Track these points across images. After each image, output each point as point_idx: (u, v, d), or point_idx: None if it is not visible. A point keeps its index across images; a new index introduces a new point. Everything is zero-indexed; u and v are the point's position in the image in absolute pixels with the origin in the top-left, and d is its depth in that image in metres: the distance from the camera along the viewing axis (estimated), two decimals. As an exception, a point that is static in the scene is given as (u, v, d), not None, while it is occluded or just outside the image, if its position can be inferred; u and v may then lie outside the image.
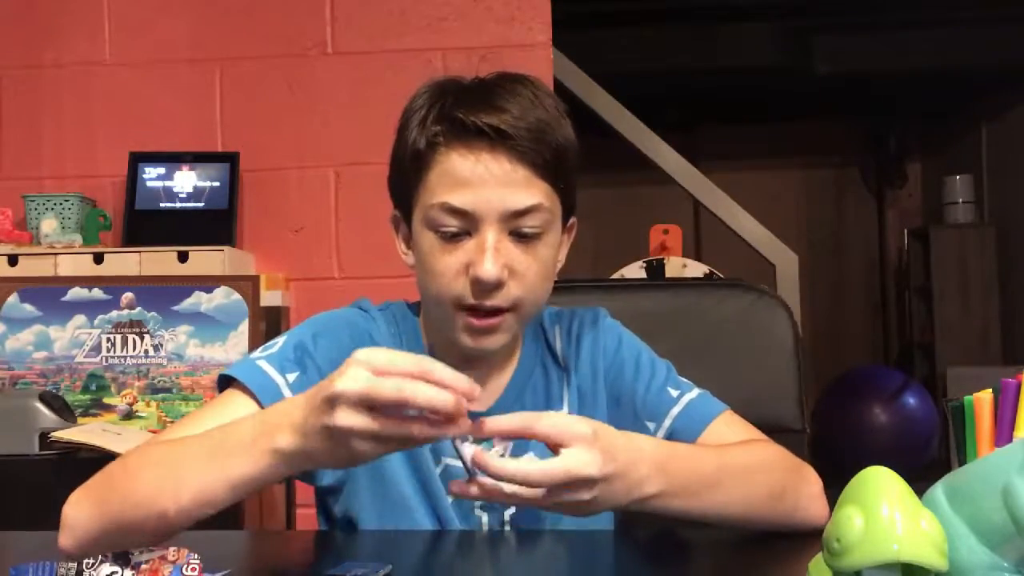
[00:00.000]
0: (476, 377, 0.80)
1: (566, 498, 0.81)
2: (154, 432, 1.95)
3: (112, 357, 2.01)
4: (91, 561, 0.70)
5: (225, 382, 0.99)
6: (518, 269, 0.97)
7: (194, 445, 0.86)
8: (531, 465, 0.80)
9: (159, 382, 2.00)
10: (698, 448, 1.00)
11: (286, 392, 0.95)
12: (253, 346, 2.01)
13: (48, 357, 2.01)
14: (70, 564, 0.70)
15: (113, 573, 0.70)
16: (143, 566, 0.71)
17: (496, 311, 0.98)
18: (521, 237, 0.97)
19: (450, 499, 1.03)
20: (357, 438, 0.75)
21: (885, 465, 0.64)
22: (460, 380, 0.76)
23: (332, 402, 0.75)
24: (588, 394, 1.09)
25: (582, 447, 0.81)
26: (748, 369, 1.42)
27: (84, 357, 2.01)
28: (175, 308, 2.01)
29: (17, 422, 1.79)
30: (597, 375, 1.10)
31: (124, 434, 1.84)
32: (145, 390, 2.00)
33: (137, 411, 2.00)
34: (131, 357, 2.01)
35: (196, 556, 0.73)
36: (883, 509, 0.60)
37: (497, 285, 0.96)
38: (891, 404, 5.01)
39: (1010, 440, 0.65)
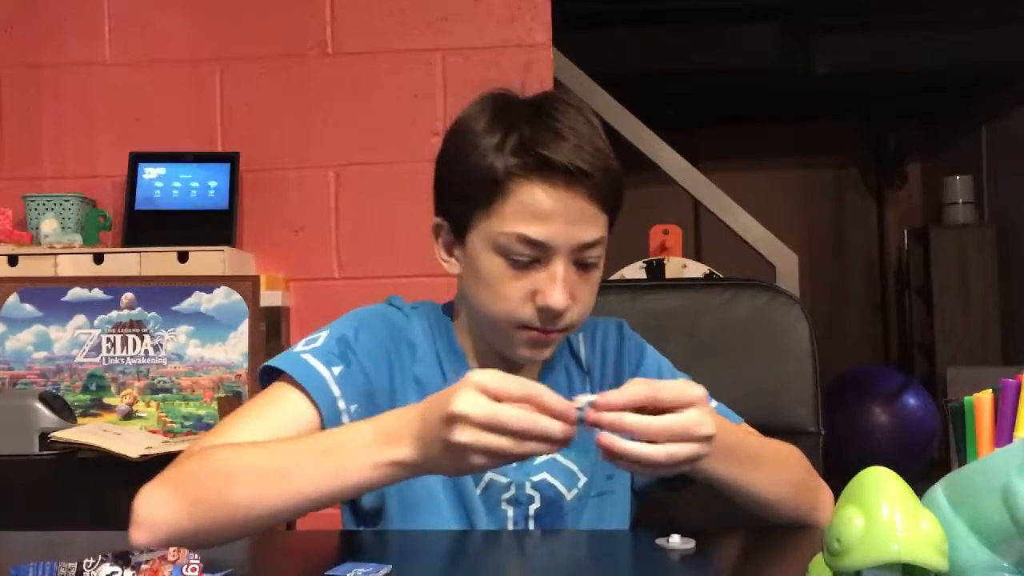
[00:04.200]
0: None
1: (682, 453, 0.84)
2: (154, 432, 1.95)
3: (112, 357, 2.01)
4: (91, 561, 0.70)
5: (268, 375, 1.03)
6: (577, 295, 1.02)
7: (296, 451, 0.89)
8: (653, 419, 0.84)
9: (159, 382, 2.00)
10: (739, 427, 1.08)
11: (332, 385, 0.99)
12: (253, 346, 2.01)
13: (48, 357, 2.01)
14: (70, 564, 0.70)
15: (113, 573, 0.70)
16: (143, 566, 0.71)
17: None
18: (581, 265, 1.02)
19: (477, 491, 1.06)
20: (474, 453, 0.80)
21: (885, 465, 0.64)
22: (564, 404, 0.82)
23: (452, 420, 0.80)
24: None
25: (701, 408, 0.86)
26: (762, 370, 1.41)
27: (84, 357, 2.01)
28: (175, 308, 2.01)
29: (17, 422, 1.79)
30: (623, 382, 1.11)
31: (124, 434, 1.84)
32: (145, 390, 2.00)
33: (137, 411, 2.00)
34: (131, 357, 2.01)
35: (196, 556, 0.73)
36: (883, 509, 0.60)
37: (562, 313, 1.01)
38: (891, 404, 5.01)
39: (1010, 440, 0.65)
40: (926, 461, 4.93)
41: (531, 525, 1.08)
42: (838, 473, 0.95)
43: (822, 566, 0.66)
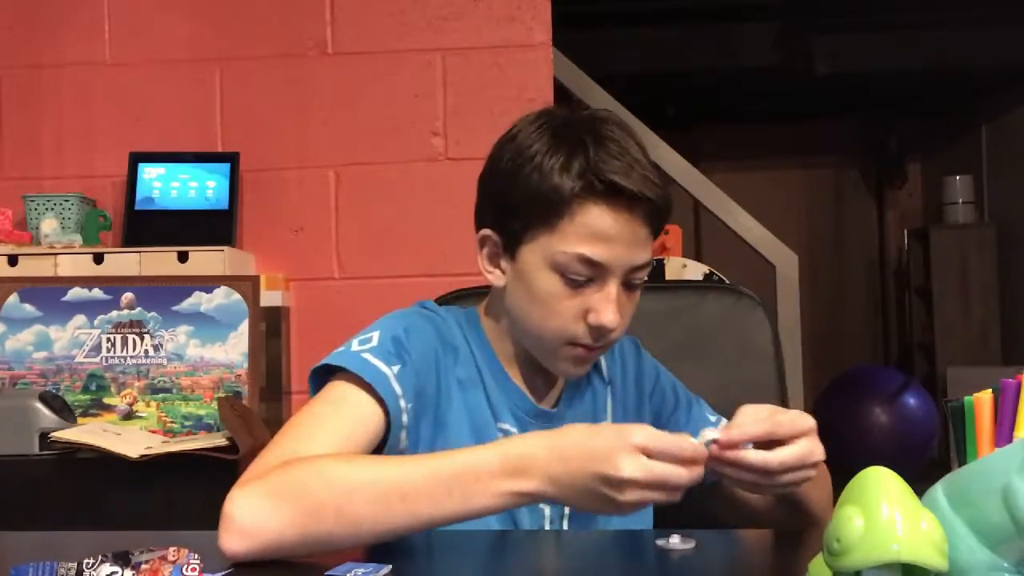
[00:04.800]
0: (542, 381, 1.14)
1: (789, 479, 0.92)
2: (154, 432, 1.95)
3: (112, 357, 2.01)
4: (91, 561, 0.70)
5: (318, 373, 1.04)
6: (623, 313, 1.06)
7: (420, 472, 0.91)
8: (771, 455, 0.91)
9: (159, 382, 2.00)
10: None
11: (394, 384, 1.01)
12: (253, 346, 2.01)
13: (48, 357, 2.01)
14: (70, 564, 0.70)
15: (113, 573, 0.70)
16: (143, 566, 0.71)
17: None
18: (628, 286, 1.06)
19: None
20: (634, 505, 0.86)
21: (885, 465, 0.64)
22: (703, 452, 0.89)
23: (621, 484, 0.84)
24: (632, 411, 1.21)
25: (813, 437, 0.93)
26: (729, 371, 1.46)
27: (84, 357, 2.01)
28: (175, 308, 2.02)
29: (17, 422, 1.79)
30: (643, 396, 1.22)
31: (124, 434, 1.84)
32: (145, 390, 2.00)
33: (137, 411, 2.00)
34: (131, 357, 2.01)
35: (196, 556, 0.73)
36: (883, 509, 0.60)
37: (613, 330, 1.05)
38: (891, 404, 5.01)
39: (1010, 440, 0.65)
40: (926, 461, 4.93)
41: (566, 524, 1.12)
42: (838, 473, 0.96)
43: (822, 566, 0.66)
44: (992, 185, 5.66)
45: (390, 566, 0.85)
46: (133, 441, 1.79)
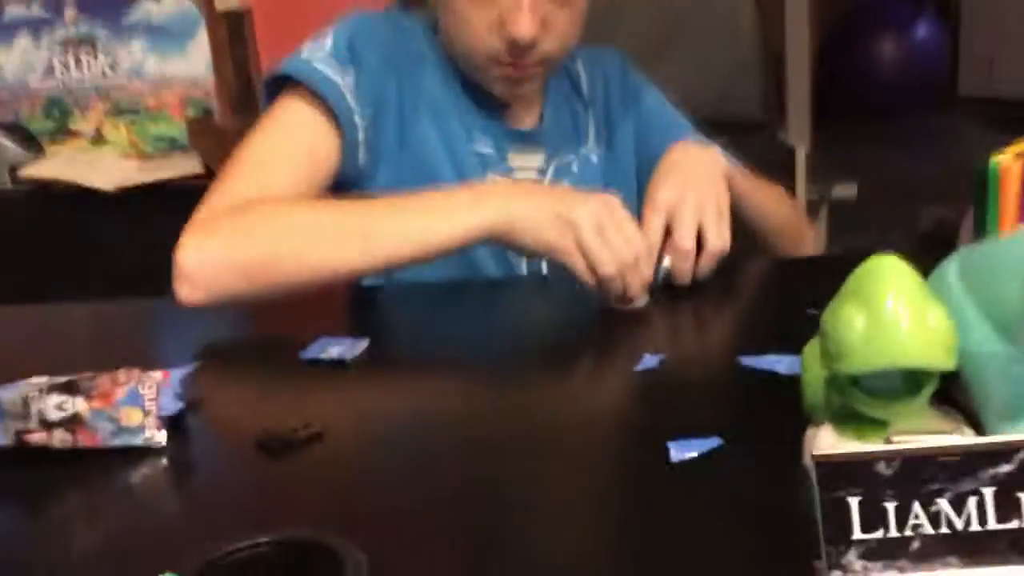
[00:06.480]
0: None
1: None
2: (127, 158, 1.87)
3: (68, 79, 1.89)
4: (35, 394, 0.66)
5: (275, 85, 0.97)
6: (552, 23, 0.94)
7: (375, 205, 0.88)
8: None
9: (123, 104, 1.89)
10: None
11: (348, 96, 0.95)
12: (216, 56, 1.87)
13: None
14: (16, 398, 0.66)
15: (62, 403, 0.66)
16: (93, 392, 0.66)
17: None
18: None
19: None
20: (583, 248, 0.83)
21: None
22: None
23: (572, 222, 0.82)
24: (615, 130, 1.12)
25: None
26: (711, 62, 1.39)
27: (40, 83, 1.89)
28: (124, 22, 1.86)
29: (-20, 159, 1.72)
30: (627, 115, 1.12)
31: (95, 163, 1.77)
32: (110, 112, 1.90)
33: (105, 135, 1.90)
34: (88, 79, 1.88)
35: (154, 374, 0.68)
36: (887, 306, 0.52)
37: (531, 44, 0.93)
38: (902, 35, 4.82)
39: (1038, 212, 0.56)
40: (936, 92, 4.83)
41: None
42: (849, 111, 0.91)
43: (815, 351, 0.60)
44: None
45: (367, 340, 0.81)
46: (107, 170, 1.72)
